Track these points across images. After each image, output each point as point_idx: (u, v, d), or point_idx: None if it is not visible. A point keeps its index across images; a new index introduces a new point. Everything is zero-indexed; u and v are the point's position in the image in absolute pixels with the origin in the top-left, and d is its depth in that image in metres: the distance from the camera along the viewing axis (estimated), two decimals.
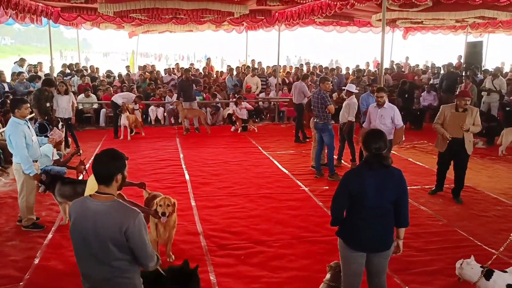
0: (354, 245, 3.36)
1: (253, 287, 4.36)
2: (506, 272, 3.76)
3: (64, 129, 9.24)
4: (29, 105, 5.62)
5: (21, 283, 4.39)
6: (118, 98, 11.35)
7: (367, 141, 3.33)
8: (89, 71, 16.22)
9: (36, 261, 4.85)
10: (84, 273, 2.68)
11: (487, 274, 3.66)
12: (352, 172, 3.46)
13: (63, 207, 5.82)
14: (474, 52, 15.37)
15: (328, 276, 3.80)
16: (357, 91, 9.27)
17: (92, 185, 4.91)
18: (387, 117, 7.05)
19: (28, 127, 5.58)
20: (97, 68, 16.69)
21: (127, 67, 17.52)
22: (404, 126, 12.54)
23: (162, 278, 3.26)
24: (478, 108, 6.85)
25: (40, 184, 5.69)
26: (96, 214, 2.54)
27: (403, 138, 7.66)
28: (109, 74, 16.18)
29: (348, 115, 8.36)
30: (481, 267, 3.74)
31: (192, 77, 12.64)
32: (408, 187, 3.39)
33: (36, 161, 5.73)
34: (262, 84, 14.86)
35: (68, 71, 15.68)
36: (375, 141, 3.29)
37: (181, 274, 3.47)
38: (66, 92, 9.69)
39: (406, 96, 12.98)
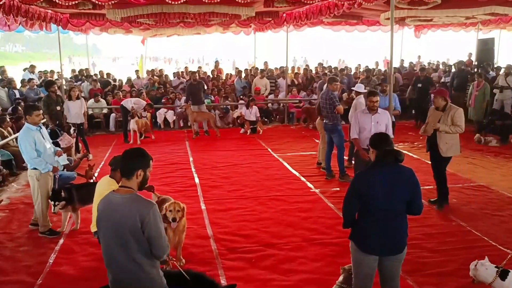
0: (366, 249, 3.31)
1: None
2: None
3: (75, 134, 9.32)
4: (41, 111, 5.65)
5: None
6: (128, 103, 11.40)
7: (376, 142, 3.31)
8: (98, 76, 16.33)
9: (48, 266, 4.88)
10: (108, 264, 2.86)
11: (503, 274, 3.58)
12: (362, 173, 3.42)
13: (77, 213, 5.85)
14: (485, 49, 15.16)
15: (341, 278, 3.76)
16: (366, 91, 9.17)
17: (101, 190, 4.94)
18: (383, 123, 6.29)
19: (41, 133, 5.62)
20: (108, 74, 16.81)
21: (137, 71, 17.62)
22: (417, 123, 12.63)
23: (186, 281, 3.23)
24: (461, 108, 6.15)
25: (55, 202, 5.61)
26: (117, 207, 2.75)
27: None
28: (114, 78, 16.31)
29: None
30: (495, 267, 3.66)
31: (198, 80, 12.64)
32: (421, 187, 3.34)
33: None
34: (271, 86, 14.83)
35: (77, 76, 15.83)
36: (385, 143, 3.28)
37: (204, 280, 3.41)
38: (78, 98, 9.76)
39: (421, 93, 12.85)
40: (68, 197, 5.70)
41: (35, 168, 5.56)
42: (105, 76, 16.35)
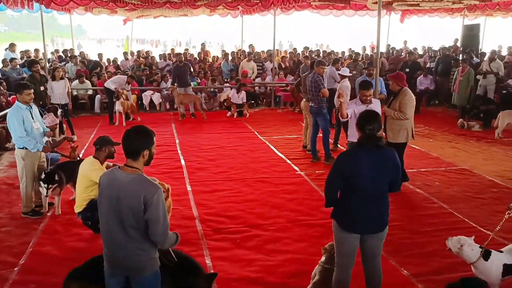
0: (348, 227, 3.35)
1: (248, 270, 4.36)
2: (501, 252, 3.77)
3: (62, 116, 9.17)
4: (31, 90, 5.50)
5: (16, 268, 4.38)
6: (110, 84, 11.22)
7: (361, 122, 3.32)
8: (80, 57, 16.00)
9: (31, 246, 4.84)
10: (105, 239, 2.85)
11: (486, 255, 3.66)
12: (345, 153, 3.45)
13: (59, 197, 5.76)
14: (471, 35, 15.27)
15: (323, 258, 3.79)
16: (351, 75, 9.18)
17: (84, 170, 4.90)
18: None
19: (31, 113, 5.51)
20: (99, 54, 16.51)
21: (125, 53, 17.34)
22: None
23: (172, 260, 3.22)
24: (411, 95, 5.96)
25: (49, 185, 5.47)
26: (121, 184, 2.71)
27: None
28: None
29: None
30: (479, 247, 3.74)
31: (184, 62, 12.50)
32: (405, 170, 3.39)
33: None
34: (258, 69, 14.74)
35: (61, 57, 15.51)
36: (370, 122, 3.28)
37: (189, 263, 3.38)
38: (61, 78, 9.59)
39: (409, 78, 12.90)
40: (59, 179, 5.62)
41: (22, 148, 5.45)
42: (87, 57, 16.04)
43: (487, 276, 3.56)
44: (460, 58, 13.78)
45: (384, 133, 6.26)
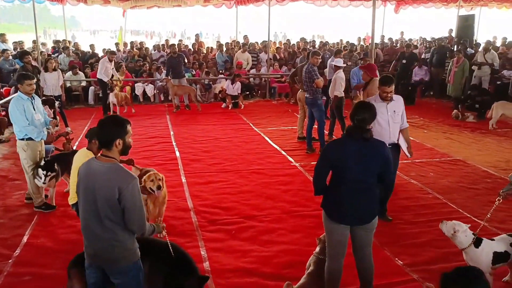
0: (336, 218, 3.36)
1: (243, 261, 4.37)
2: (493, 240, 3.81)
3: (58, 108, 9.09)
4: (33, 81, 5.44)
5: (10, 260, 4.36)
6: (100, 74, 10.99)
7: (353, 112, 3.33)
8: (73, 48, 15.84)
9: (25, 238, 4.82)
10: (84, 231, 2.88)
11: (477, 242, 3.70)
12: (334, 142, 3.45)
13: (54, 189, 5.72)
14: (466, 25, 15.26)
15: (317, 249, 3.80)
16: (345, 65, 9.14)
17: (78, 163, 4.84)
18: (399, 111, 5.01)
19: (33, 104, 5.45)
20: (91, 45, 16.35)
21: (117, 44, 17.18)
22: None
23: (169, 254, 3.22)
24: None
25: (47, 173, 5.42)
26: (97, 174, 2.72)
27: None
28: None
29: (335, 90, 8.26)
30: (473, 234, 3.77)
31: (178, 52, 12.40)
32: (399, 162, 3.38)
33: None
34: (252, 60, 14.68)
35: (54, 47, 15.34)
36: (360, 113, 3.29)
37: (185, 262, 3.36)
38: (54, 69, 9.50)
39: (404, 69, 12.95)
40: (58, 169, 5.57)
41: (22, 139, 5.38)
42: (80, 48, 15.88)
43: (476, 263, 3.62)
44: (455, 49, 13.79)
45: None
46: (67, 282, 3.35)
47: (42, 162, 5.47)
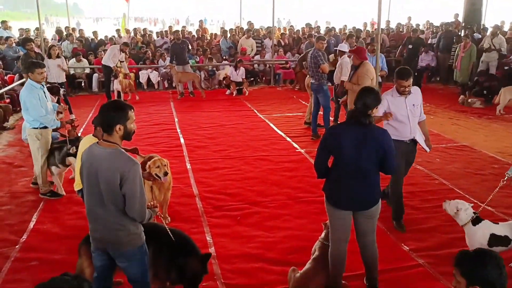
0: (335, 203, 3.36)
1: (249, 247, 4.37)
2: (497, 224, 3.80)
3: (62, 96, 9.06)
4: (44, 69, 5.39)
5: (17, 246, 4.38)
6: (107, 60, 11.01)
7: (356, 97, 3.29)
8: (78, 35, 15.76)
9: (32, 224, 4.84)
10: (88, 216, 2.89)
11: (476, 221, 3.74)
12: (332, 127, 3.42)
13: (61, 176, 5.72)
14: (473, 9, 15.00)
15: (322, 234, 3.78)
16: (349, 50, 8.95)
17: (83, 150, 4.85)
18: (418, 104, 4.62)
19: (44, 92, 5.42)
20: (94, 32, 16.26)
21: (117, 30, 17.06)
22: None
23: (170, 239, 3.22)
24: (368, 68, 6.50)
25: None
26: (98, 159, 2.71)
27: None
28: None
29: (341, 75, 8.17)
30: (473, 213, 3.82)
31: (182, 39, 12.30)
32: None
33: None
34: (257, 46, 14.57)
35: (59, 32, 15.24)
36: (361, 97, 3.26)
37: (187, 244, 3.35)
38: (58, 56, 9.47)
39: (411, 55, 12.80)
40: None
41: (36, 128, 5.34)
42: (84, 35, 15.79)
43: (471, 240, 3.71)
44: (462, 34, 13.60)
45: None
46: (78, 260, 3.40)
47: (73, 150, 5.40)
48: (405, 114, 4.47)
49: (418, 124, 4.68)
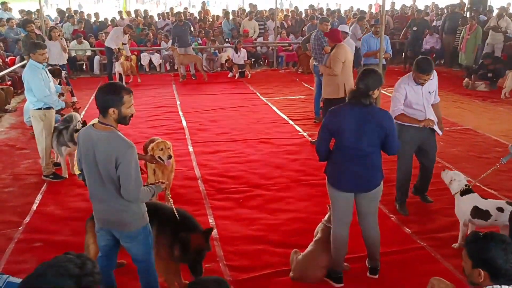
0: (337, 185, 3.34)
1: (251, 229, 4.38)
2: (486, 199, 3.92)
3: (65, 79, 9.02)
4: (45, 50, 5.33)
5: (20, 228, 4.40)
6: (110, 42, 10.92)
7: (358, 77, 3.27)
8: (78, 17, 15.61)
9: (35, 206, 4.86)
10: (91, 197, 2.90)
11: (464, 192, 3.92)
12: (333, 109, 3.37)
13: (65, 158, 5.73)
14: None
15: (326, 217, 3.78)
16: (351, 33, 8.86)
17: None
18: (434, 90, 4.48)
19: (46, 73, 5.38)
20: (96, 13, 16.10)
21: (120, 12, 16.90)
22: (405, 67, 12.53)
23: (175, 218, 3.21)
24: (341, 50, 6.21)
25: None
26: (94, 142, 2.69)
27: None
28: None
29: None
30: (465, 185, 3.99)
31: (184, 20, 12.16)
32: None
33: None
34: (260, 28, 14.41)
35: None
36: (362, 79, 3.22)
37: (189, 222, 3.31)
38: (55, 38, 9.37)
39: (415, 37, 12.66)
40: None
41: (40, 109, 5.30)
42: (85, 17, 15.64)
43: (457, 208, 4.01)
44: (468, 15, 13.40)
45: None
46: (85, 236, 3.44)
47: (79, 125, 5.35)
48: (420, 103, 4.36)
49: (433, 107, 4.55)
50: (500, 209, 3.75)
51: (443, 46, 13.43)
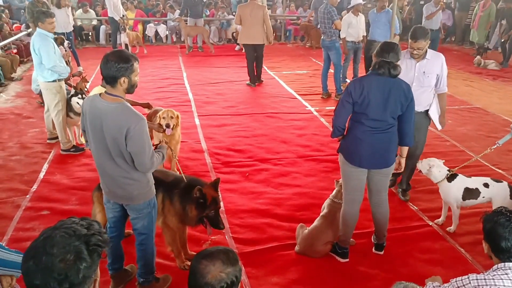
0: (353, 161, 3.27)
1: (257, 203, 4.38)
2: (470, 178, 3.92)
3: (69, 48, 8.91)
4: (54, 19, 5.16)
5: (27, 196, 4.43)
6: (111, 12, 10.70)
7: (378, 51, 3.16)
8: None
9: (41, 175, 4.88)
10: (98, 168, 2.83)
11: (451, 177, 3.86)
12: (358, 79, 3.28)
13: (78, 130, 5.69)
14: None
15: (334, 192, 3.76)
16: (364, 2, 8.45)
17: None
18: (433, 73, 4.05)
19: (54, 41, 5.27)
20: None
21: None
22: None
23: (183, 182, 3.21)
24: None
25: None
26: (103, 114, 2.58)
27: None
28: None
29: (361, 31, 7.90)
30: (448, 170, 3.91)
31: None
32: None
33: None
34: (268, 1, 14.11)
35: None
36: (389, 50, 3.11)
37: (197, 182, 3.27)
38: (66, 5, 9.23)
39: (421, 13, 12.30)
40: None
41: (54, 81, 5.18)
42: None
43: (447, 196, 3.90)
44: None
45: None
46: (92, 206, 3.45)
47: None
48: (410, 81, 3.89)
49: (438, 96, 4.24)
50: (486, 185, 3.83)
51: (456, 22, 13.14)
